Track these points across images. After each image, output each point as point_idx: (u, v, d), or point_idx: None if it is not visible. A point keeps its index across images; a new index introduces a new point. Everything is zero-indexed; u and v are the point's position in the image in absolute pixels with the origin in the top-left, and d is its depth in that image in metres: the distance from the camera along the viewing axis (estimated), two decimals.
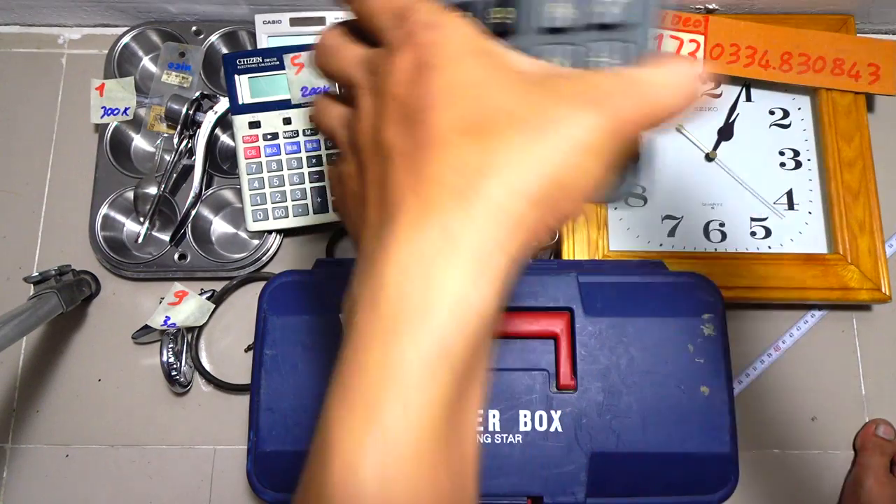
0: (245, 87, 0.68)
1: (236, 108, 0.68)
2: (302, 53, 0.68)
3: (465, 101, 0.21)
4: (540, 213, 0.21)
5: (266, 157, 0.67)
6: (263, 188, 0.67)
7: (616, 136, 0.22)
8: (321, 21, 0.71)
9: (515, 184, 0.20)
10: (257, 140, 0.67)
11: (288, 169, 0.68)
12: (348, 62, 0.26)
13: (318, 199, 0.68)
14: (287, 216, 0.67)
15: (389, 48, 0.24)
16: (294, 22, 0.71)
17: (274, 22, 0.71)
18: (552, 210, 0.21)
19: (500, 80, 0.22)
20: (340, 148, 0.28)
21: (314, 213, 0.68)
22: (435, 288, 0.20)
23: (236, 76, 0.67)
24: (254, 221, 0.67)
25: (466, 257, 0.20)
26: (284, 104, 0.68)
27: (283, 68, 0.68)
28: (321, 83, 0.67)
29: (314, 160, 0.68)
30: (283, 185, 0.68)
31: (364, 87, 0.25)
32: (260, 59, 0.67)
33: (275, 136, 0.68)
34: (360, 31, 0.26)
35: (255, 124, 0.67)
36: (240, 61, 0.67)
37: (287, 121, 0.68)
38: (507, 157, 0.21)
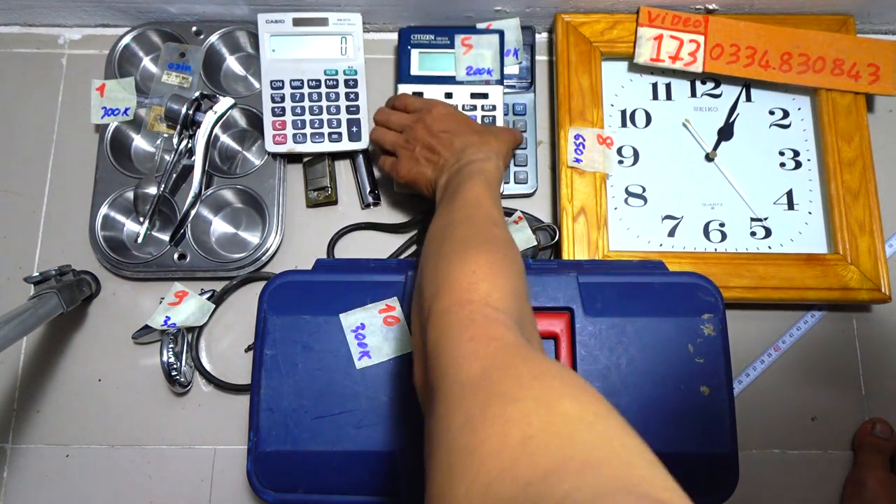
0: (415, 61, 0.72)
1: (405, 78, 0.72)
2: (472, 35, 0.72)
3: (469, 125, 0.63)
4: (504, 160, 0.61)
5: None
6: None
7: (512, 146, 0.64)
8: (324, 22, 0.71)
9: (494, 152, 0.59)
10: None
11: None
12: (399, 118, 0.65)
13: None
14: None
15: (417, 114, 0.63)
16: (297, 22, 0.71)
17: (277, 21, 0.71)
18: (504, 158, 0.61)
19: (470, 120, 0.64)
20: (395, 148, 0.64)
21: None
22: (491, 167, 0.56)
23: (410, 48, 0.72)
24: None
25: (495, 160, 0.57)
26: (448, 80, 0.72)
27: (453, 47, 0.71)
28: (486, 64, 0.72)
29: None
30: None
31: (412, 125, 0.63)
32: (432, 37, 0.72)
33: None
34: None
35: (418, 94, 0.71)
36: (414, 36, 0.72)
37: (449, 95, 0.71)
38: (492, 143, 0.61)
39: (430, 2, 0.72)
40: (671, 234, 0.69)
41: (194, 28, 0.74)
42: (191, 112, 0.67)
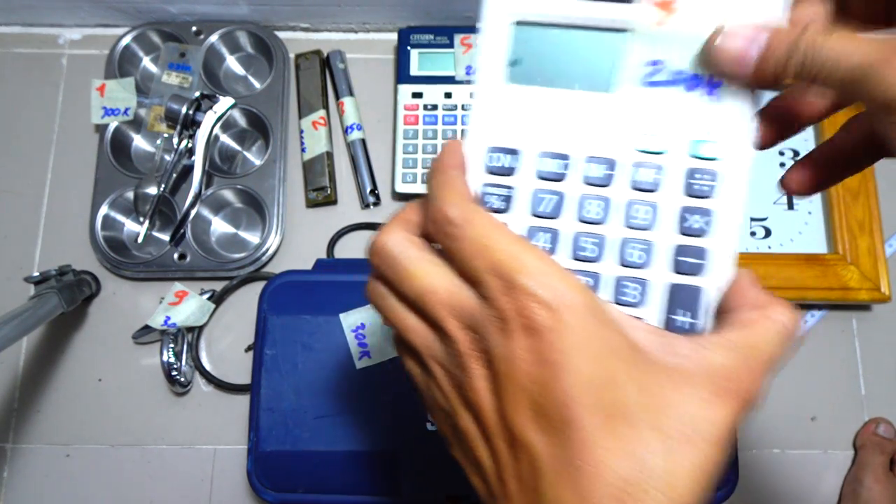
0: (415, 60, 0.73)
1: (404, 78, 0.72)
2: (472, 35, 0.72)
3: (599, 399, 0.22)
4: None
5: (423, 125, 0.71)
6: (416, 153, 0.71)
7: (745, 412, 0.23)
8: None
9: (672, 497, 0.21)
10: (417, 109, 0.72)
11: (443, 139, 0.71)
12: (436, 300, 0.25)
13: None
14: None
15: (495, 314, 0.23)
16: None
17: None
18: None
19: (626, 366, 0.23)
20: (425, 360, 0.26)
21: None
22: None
23: (410, 48, 0.73)
24: (402, 182, 0.70)
25: None
26: (448, 79, 0.72)
27: (453, 46, 0.72)
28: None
29: None
30: (437, 153, 0.71)
31: (467, 349, 0.24)
32: (432, 37, 0.73)
33: (435, 107, 0.72)
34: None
35: (417, 95, 0.72)
36: (413, 36, 0.73)
37: (448, 95, 0.72)
38: (655, 468, 0.21)
39: (430, 2, 0.72)
40: None
41: (194, 28, 0.74)
42: (191, 112, 0.67)
